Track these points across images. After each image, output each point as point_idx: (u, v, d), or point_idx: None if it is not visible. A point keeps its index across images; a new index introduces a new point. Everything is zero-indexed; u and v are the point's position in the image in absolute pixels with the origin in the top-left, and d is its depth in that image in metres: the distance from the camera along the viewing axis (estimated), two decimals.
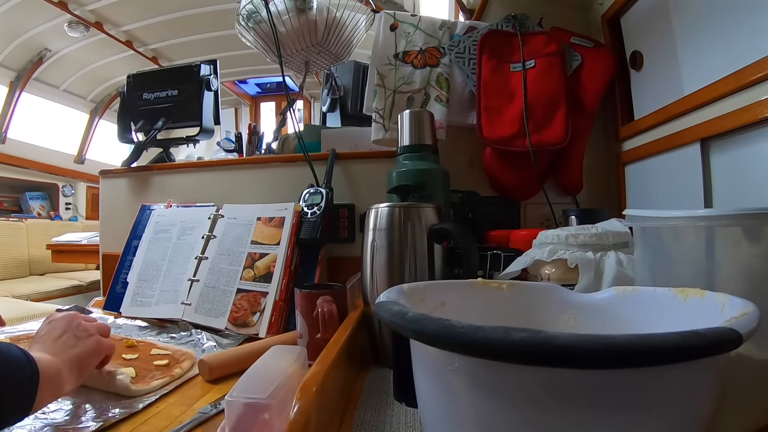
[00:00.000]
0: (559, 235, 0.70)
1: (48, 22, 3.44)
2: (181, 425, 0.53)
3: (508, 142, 1.16)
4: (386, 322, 0.34)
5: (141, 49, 4.00)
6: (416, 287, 0.47)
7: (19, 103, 4.02)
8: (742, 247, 0.44)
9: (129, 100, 1.47)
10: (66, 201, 4.84)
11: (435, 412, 0.35)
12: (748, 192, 0.82)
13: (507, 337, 0.25)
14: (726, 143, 0.86)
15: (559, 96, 1.15)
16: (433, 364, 0.33)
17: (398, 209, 0.74)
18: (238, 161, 1.42)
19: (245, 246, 1.04)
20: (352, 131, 1.35)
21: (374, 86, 1.23)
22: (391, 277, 0.73)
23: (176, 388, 0.66)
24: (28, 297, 3.04)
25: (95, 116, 4.84)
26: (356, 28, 1.33)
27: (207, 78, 1.44)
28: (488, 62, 1.20)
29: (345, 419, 0.54)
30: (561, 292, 0.51)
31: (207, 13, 3.45)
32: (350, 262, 1.10)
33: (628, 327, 0.44)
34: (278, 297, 0.94)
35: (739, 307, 0.32)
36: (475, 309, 0.48)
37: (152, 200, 1.31)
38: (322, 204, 1.07)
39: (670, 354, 0.24)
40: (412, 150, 1.00)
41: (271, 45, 1.26)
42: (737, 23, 0.82)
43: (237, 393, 0.44)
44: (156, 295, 1.04)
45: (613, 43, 1.23)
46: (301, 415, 0.38)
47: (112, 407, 0.57)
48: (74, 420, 0.54)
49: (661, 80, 1.06)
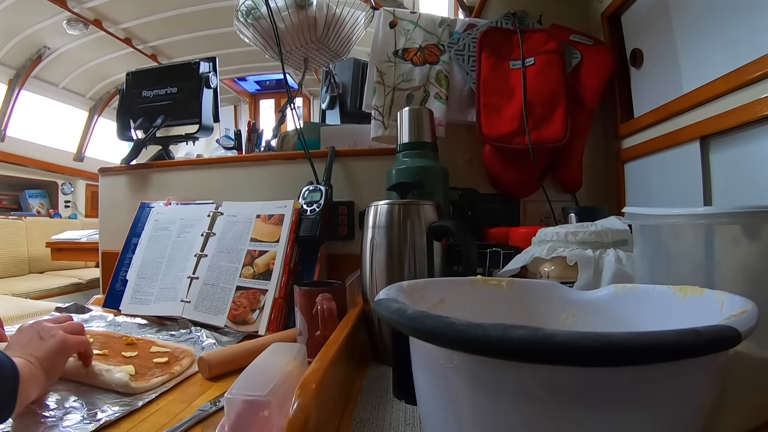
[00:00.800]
0: (558, 232, 0.70)
1: (47, 20, 3.43)
2: (181, 423, 0.53)
3: (508, 139, 1.15)
4: (385, 319, 0.34)
5: (140, 47, 3.99)
6: (415, 284, 0.47)
7: (18, 101, 4.01)
8: (741, 245, 0.44)
9: (128, 98, 1.47)
10: (65, 199, 4.84)
11: (434, 409, 0.36)
12: (748, 190, 0.82)
13: (506, 335, 0.25)
14: (725, 141, 0.86)
15: (559, 93, 1.14)
16: (433, 362, 0.33)
17: (398, 207, 0.74)
18: (238, 159, 1.42)
19: (245, 243, 1.04)
20: (352, 128, 1.35)
21: (373, 83, 1.23)
22: (390, 275, 0.73)
23: (176, 386, 0.66)
24: (27, 295, 3.04)
25: (94, 114, 4.83)
26: (355, 25, 1.33)
27: (206, 75, 1.44)
28: (488, 59, 1.20)
29: (344, 416, 0.54)
30: (560, 289, 0.51)
31: (206, 10, 3.44)
32: (350, 260, 1.10)
33: (627, 325, 0.44)
34: (278, 294, 0.94)
35: (738, 305, 0.32)
36: (474, 306, 0.48)
37: (151, 198, 1.31)
38: (322, 201, 1.07)
39: (669, 352, 0.24)
40: (411, 147, 1.00)
41: (270, 41, 1.26)
42: (737, 22, 0.82)
43: (236, 390, 0.44)
44: (155, 292, 1.04)
45: (612, 41, 1.22)
46: (300, 412, 0.38)
47: (111, 405, 0.57)
48: (74, 418, 0.54)
49: (660, 78, 1.06)
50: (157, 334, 0.91)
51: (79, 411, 0.55)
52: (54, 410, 0.55)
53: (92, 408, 0.56)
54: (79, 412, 0.55)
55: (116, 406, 0.57)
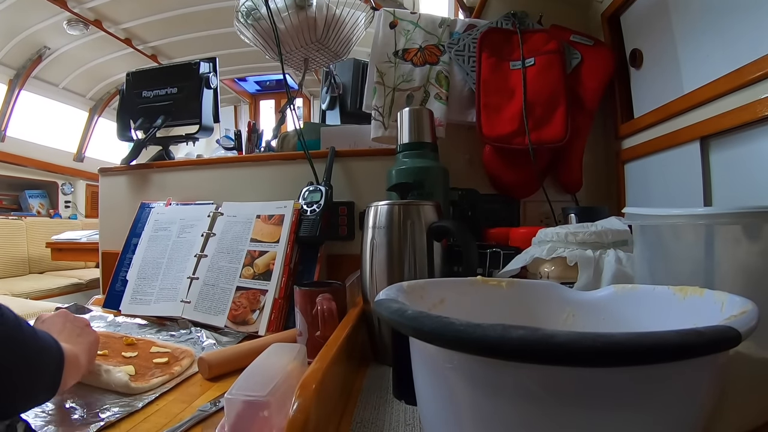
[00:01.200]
0: (558, 233, 0.70)
1: (47, 20, 3.43)
2: (181, 423, 0.53)
3: (508, 139, 1.15)
4: (385, 319, 0.34)
5: (140, 47, 3.99)
6: (415, 285, 0.47)
7: (18, 101, 4.01)
8: (742, 246, 0.44)
9: (128, 98, 1.47)
10: (65, 199, 4.84)
11: (434, 409, 0.36)
12: (748, 190, 0.82)
13: (505, 335, 0.25)
14: (725, 141, 0.86)
15: (559, 94, 1.14)
16: (432, 362, 0.33)
17: (398, 207, 0.74)
18: (238, 159, 1.42)
19: (245, 244, 1.04)
20: (352, 129, 1.35)
21: (374, 84, 1.23)
22: (390, 275, 0.73)
23: (176, 386, 0.66)
24: (27, 295, 3.04)
25: (94, 114, 4.83)
26: (356, 25, 1.33)
27: (206, 76, 1.44)
28: (488, 60, 1.20)
29: (344, 417, 0.54)
30: (560, 290, 0.51)
31: (206, 10, 3.44)
32: (350, 260, 1.10)
33: (627, 325, 0.44)
34: (278, 295, 0.94)
35: (738, 306, 0.32)
36: (474, 307, 0.48)
37: (152, 198, 1.31)
38: (322, 202, 1.07)
39: (669, 352, 0.24)
40: (411, 148, 1.00)
41: (270, 42, 1.26)
42: (737, 22, 0.82)
43: (236, 390, 0.44)
44: (155, 293, 1.04)
45: (612, 41, 1.23)
46: (300, 412, 0.38)
47: (111, 406, 0.57)
48: (74, 419, 0.54)
49: (660, 78, 1.06)
50: (157, 334, 0.91)
51: (78, 412, 0.55)
52: (54, 410, 0.55)
53: (92, 409, 0.56)
54: (78, 414, 0.55)
55: (116, 407, 0.57)
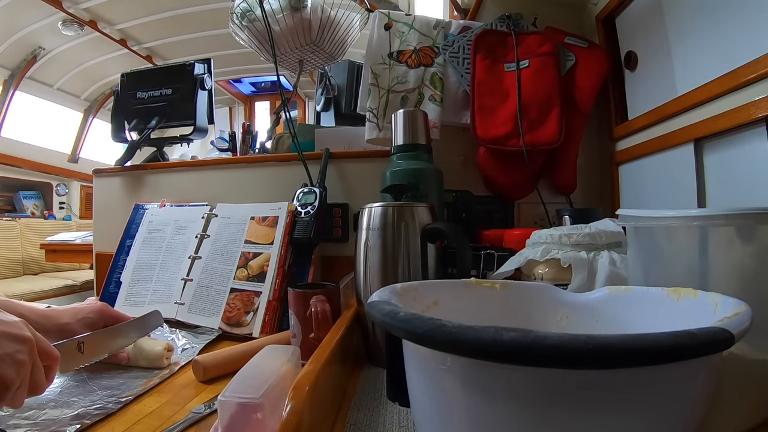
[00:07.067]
0: (552, 234, 0.70)
1: (42, 20, 3.41)
2: (174, 425, 0.52)
3: (502, 141, 1.16)
4: (378, 321, 0.33)
5: (135, 48, 3.97)
6: (409, 287, 0.47)
7: (12, 102, 3.99)
8: (735, 247, 0.44)
9: (123, 99, 1.46)
10: (60, 200, 4.82)
11: (427, 411, 0.35)
12: (741, 192, 0.82)
13: (497, 337, 0.25)
14: (719, 143, 0.86)
15: (553, 96, 1.15)
16: (425, 364, 0.33)
17: (392, 209, 0.74)
18: (232, 160, 1.41)
19: (239, 245, 1.03)
20: (346, 130, 1.35)
21: (368, 85, 1.23)
22: (384, 277, 0.73)
23: (169, 388, 0.65)
24: (21, 297, 3.01)
25: (89, 115, 4.81)
26: (350, 27, 1.33)
27: (201, 77, 1.43)
28: (482, 62, 1.20)
29: (338, 419, 0.54)
30: (554, 291, 0.51)
31: (201, 11, 3.43)
32: (344, 262, 1.10)
33: (620, 326, 0.44)
34: (272, 296, 0.94)
35: (732, 307, 0.32)
36: (467, 308, 0.48)
37: (146, 199, 1.31)
38: (316, 203, 1.06)
39: (662, 354, 0.24)
40: (405, 149, 1.00)
41: (265, 43, 1.26)
42: (730, 24, 0.82)
43: (230, 393, 0.44)
44: (149, 294, 1.04)
45: (607, 43, 1.23)
46: (293, 414, 0.37)
47: (95, 409, 0.57)
48: (70, 418, 0.53)
49: (655, 80, 1.07)
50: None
51: (72, 411, 0.55)
52: (46, 411, 0.55)
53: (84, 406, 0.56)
54: (66, 412, 0.55)
55: (94, 406, 0.57)
